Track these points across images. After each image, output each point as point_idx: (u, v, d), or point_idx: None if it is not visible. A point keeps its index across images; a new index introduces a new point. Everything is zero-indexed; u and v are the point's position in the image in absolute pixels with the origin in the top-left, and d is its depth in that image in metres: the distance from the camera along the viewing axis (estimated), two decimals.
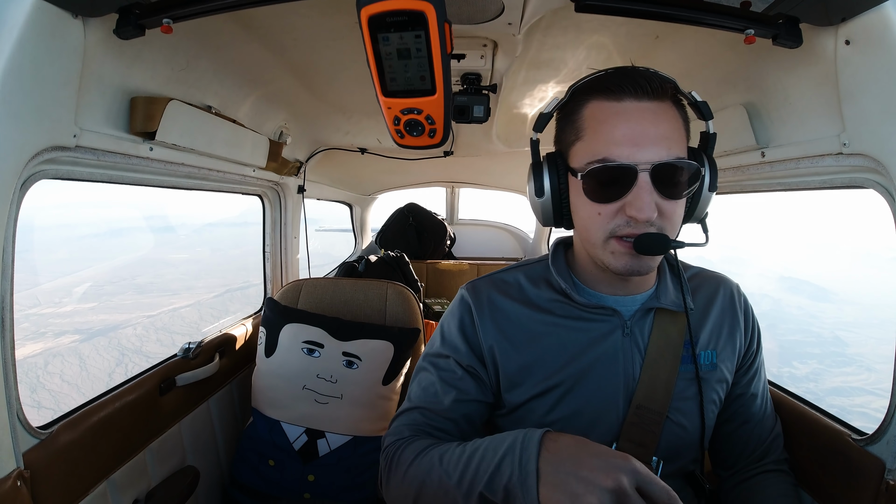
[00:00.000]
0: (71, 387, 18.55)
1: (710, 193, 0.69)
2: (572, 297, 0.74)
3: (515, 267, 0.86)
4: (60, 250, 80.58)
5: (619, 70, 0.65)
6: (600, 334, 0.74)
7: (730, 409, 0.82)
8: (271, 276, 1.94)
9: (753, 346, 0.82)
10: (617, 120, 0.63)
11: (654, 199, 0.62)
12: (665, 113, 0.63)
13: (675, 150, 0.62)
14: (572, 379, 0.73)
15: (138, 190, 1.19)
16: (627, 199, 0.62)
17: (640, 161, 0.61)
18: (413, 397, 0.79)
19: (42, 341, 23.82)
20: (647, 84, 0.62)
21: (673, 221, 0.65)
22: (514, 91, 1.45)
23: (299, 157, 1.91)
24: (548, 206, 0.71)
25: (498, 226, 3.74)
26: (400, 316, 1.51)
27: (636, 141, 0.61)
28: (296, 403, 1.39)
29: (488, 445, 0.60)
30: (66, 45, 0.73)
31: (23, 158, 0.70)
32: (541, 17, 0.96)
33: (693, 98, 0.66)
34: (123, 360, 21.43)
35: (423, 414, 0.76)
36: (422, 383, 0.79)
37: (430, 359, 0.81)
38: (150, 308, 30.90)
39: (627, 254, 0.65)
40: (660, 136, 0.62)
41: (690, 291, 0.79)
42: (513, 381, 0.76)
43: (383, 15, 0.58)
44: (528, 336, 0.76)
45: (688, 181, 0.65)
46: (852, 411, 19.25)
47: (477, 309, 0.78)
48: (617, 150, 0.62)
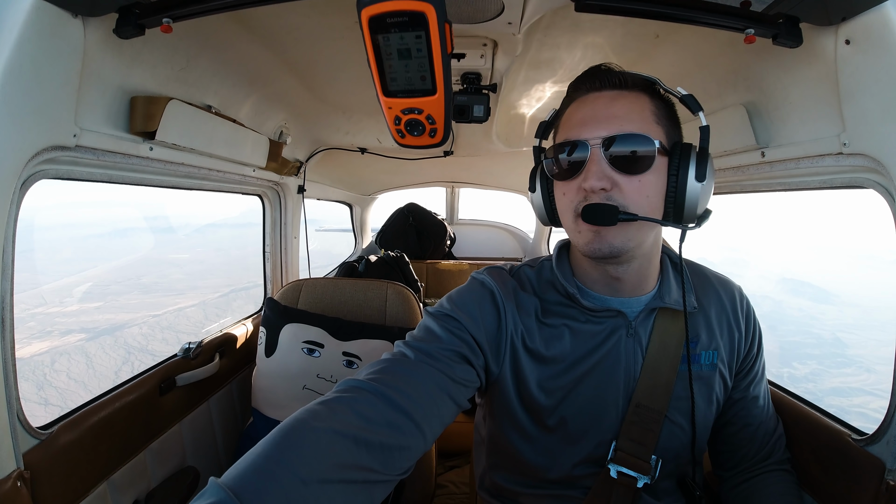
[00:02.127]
0: (77, 384, 18.54)
1: (698, 184, 0.66)
2: (579, 301, 0.74)
3: (522, 265, 0.85)
4: (65, 250, 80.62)
5: (586, 71, 0.73)
6: (605, 336, 0.74)
7: (731, 412, 0.82)
8: (271, 276, 1.94)
9: (754, 348, 0.82)
10: (577, 108, 0.71)
11: (609, 173, 0.65)
12: (624, 98, 0.68)
13: (629, 127, 0.65)
14: (576, 380, 0.73)
15: (142, 190, 1.19)
16: (582, 174, 0.67)
17: (590, 137, 0.66)
18: (403, 343, 0.71)
19: (48, 340, 23.83)
20: (608, 77, 0.69)
21: (634, 199, 0.65)
22: (514, 91, 1.45)
23: (299, 156, 1.91)
24: (539, 201, 0.78)
25: (498, 226, 3.74)
26: (400, 316, 1.51)
27: (587, 121, 0.68)
28: (296, 403, 1.39)
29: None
30: (66, 44, 0.73)
31: (23, 158, 0.70)
32: (541, 17, 0.97)
33: (678, 93, 0.69)
34: (129, 359, 21.40)
35: (399, 361, 0.65)
36: (416, 334, 0.72)
37: (429, 314, 0.75)
38: (155, 308, 30.92)
39: (589, 231, 0.67)
40: (612, 115, 0.67)
41: (693, 291, 0.79)
42: (529, 381, 0.74)
43: (384, 15, 0.58)
44: (543, 336, 0.75)
45: (649, 159, 0.65)
46: (850, 411, 19.26)
47: (504, 294, 0.76)
48: (574, 131, 0.69)
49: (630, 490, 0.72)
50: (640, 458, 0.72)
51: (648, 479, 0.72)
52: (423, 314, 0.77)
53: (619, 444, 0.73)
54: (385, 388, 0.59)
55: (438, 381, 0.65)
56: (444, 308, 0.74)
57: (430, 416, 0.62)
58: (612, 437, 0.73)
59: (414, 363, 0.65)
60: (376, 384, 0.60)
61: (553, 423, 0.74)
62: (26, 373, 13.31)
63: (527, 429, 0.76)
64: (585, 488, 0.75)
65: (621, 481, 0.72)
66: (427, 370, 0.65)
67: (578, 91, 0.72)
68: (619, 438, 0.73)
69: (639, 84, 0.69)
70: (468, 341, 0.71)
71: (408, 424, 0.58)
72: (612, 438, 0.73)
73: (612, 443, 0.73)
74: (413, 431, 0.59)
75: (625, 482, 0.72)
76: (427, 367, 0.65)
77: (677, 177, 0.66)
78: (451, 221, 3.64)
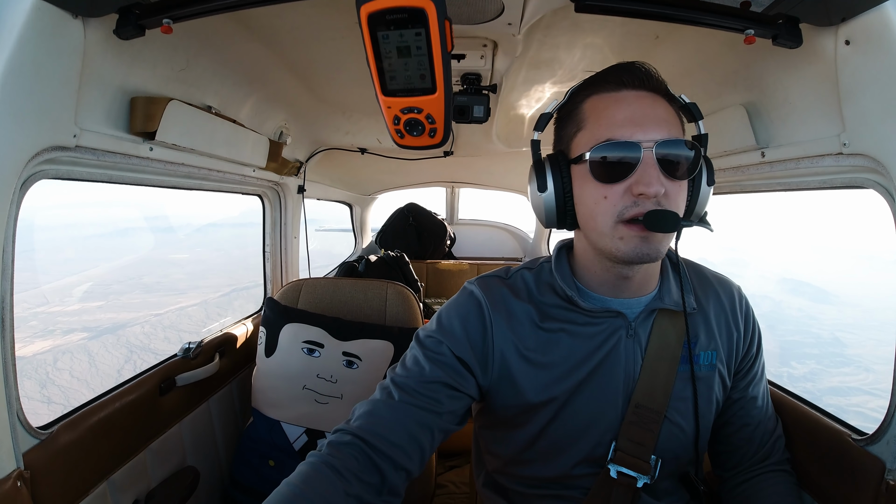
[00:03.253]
0: (80, 382, 18.49)
1: (709, 188, 0.70)
2: (577, 304, 0.74)
3: (521, 269, 0.84)
4: (67, 249, 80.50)
5: (617, 65, 0.68)
6: (605, 337, 0.74)
7: (730, 412, 0.82)
8: (271, 276, 1.94)
9: (753, 348, 0.81)
10: (618, 106, 0.66)
11: (660, 178, 0.63)
12: (660, 101, 0.67)
13: (674, 132, 0.65)
14: (575, 382, 0.73)
15: (143, 190, 1.19)
16: (633, 177, 0.63)
17: (643, 139, 0.63)
18: (391, 376, 0.75)
19: (51, 338, 23.78)
20: (643, 76, 0.66)
21: (677, 204, 0.66)
22: (513, 91, 1.45)
23: (299, 156, 1.91)
24: (551, 202, 0.71)
25: (498, 226, 3.74)
26: (400, 316, 1.51)
27: (637, 122, 0.64)
28: (296, 403, 1.39)
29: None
30: (66, 45, 0.73)
31: (23, 158, 0.70)
32: (541, 18, 0.96)
33: (682, 100, 0.69)
34: (132, 357, 21.34)
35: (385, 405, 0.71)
36: (405, 362, 0.76)
37: (417, 340, 0.78)
38: (157, 307, 30.87)
39: (636, 237, 0.64)
40: (659, 118, 0.65)
41: (692, 291, 0.79)
42: (524, 386, 0.74)
43: (383, 12, 0.57)
44: (539, 342, 0.75)
45: (688, 165, 0.66)
46: (848, 410, 19.22)
47: (491, 306, 0.76)
48: (619, 131, 0.64)
49: (630, 490, 0.72)
50: (639, 458, 0.72)
51: (648, 479, 0.72)
52: (413, 339, 0.79)
53: (618, 444, 0.73)
54: (370, 438, 0.67)
55: (422, 420, 0.70)
56: (430, 331, 0.77)
57: (414, 454, 0.69)
58: (612, 437, 0.73)
59: (397, 405, 0.70)
60: (360, 440, 0.67)
61: (551, 424, 0.74)
62: (29, 371, 13.17)
63: (524, 431, 0.76)
64: (585, 488, 0.75)
65: (621, 481, 0.72)
66: (411, 411, 0.70)
67: (607, 85, 0.67)
68: (618, 438, 0.73)
69: (661, 88, 0.67)
70: (453, 366, 0.73)
71: (391, 471, 0.67)
72: (611, 439, 0.73)
73: (612, 443, 0.73)
74: (398, 474, 0.68)
75: (624, 482, 0.72)
76: (411, 407, 0.70)
77: (693, 182, 0.69)
78: (451, 221, 3.64)
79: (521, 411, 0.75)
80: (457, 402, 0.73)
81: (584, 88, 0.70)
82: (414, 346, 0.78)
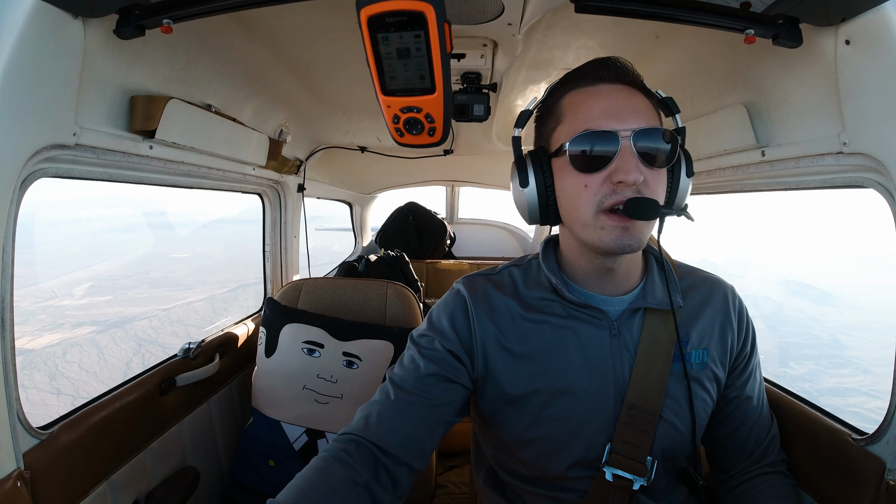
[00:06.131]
0: (90, 374, 18.45)
1: (689, 180, 0.72)
2: (562, 294, 0.75)
3: (509, 265, 0.86)
4: (74, 245, 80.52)
5: (593, 61, 0.70)
6: (588, 336, 0.74)
7: (725, 412, 0.82)
8: (271, 275, 1.94)
9: (747, 347, 0.81)
10: (595, 99, 0.68)
11: (639, 166, 0.64)
12: (637, 94, 0.68)
13: (651, 122, 0.66)
14: (561, 379, 0.73)
15: (149, 188, 1.20)
16: (612, 166, 0.65)
17: (621, 129, 0.64)
18: (389, 376, 0.78)
19: (59, 332, 23.77)
20: (619, 70, 0.68)
21: (657, 193, 0.67)
22: (514, 90, 1.45)
23: (299, 155, 1.92)
24: (533, 197, 0.72)
25: (498, 225, 3.74)
26: (400, 316, 1.51)
27: (614, 113, 0.65)
28: (296, 403, 1.39)
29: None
30: (66, 45, 0.73)
31: (22, 157, 0.71)
32: (541, 18, 0.97)
33: (659, 95, 0.70)
34: (140, 350, 21.36)
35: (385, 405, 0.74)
36: (402, 362, 0.79)
37: (411, 340, 0.81)
38: (164, 301, 30.93)
39: (618, 227, 0.65)
40: (636, 109, 0.66)
41: (683, 291, 0.79)
42: (502, 378, 0.75)
43: (383, 15, 0.58)
44: (520, 333, 0.76)
45: (667, 154, 0.66)
46: (846, 411, 19.27)
47: (473, 302, 0.78)
48: (597, 122, 0.66)
49: (626, 493, 0.72)
50: (635, 460, 0.72)
51: (645, 482, 0.72)
52: (409, 339, 0.82)
53: (613, 446, 0.72)
54: (371, 438, 0.70)
55: (421, 415, 0.73)
56: (423, 330, 0.81)
57: (414, 450, 0.71)
58: (606, 439, 0.73)
59: (395, 404, 0.73)
60: (363, 440, 0.70)
61: (539, 423, 0.74)
62: (38, 364, 13.14)
63: (513, 426, 0.76)
64: (581, 491, 0.75)
65: (617, 484, 0.72)
66: (409, 408, 0.72)
67: (584, 80, 0.69)
68: (613, 441, 0.72)
69: (637, 83, 0.69)
70: (446, 359, 0.76)
71: (394, 468, 0.69)
72: (606, 441, 0.73)
73: (607, 446, 0.73)
74: (400, 469, 0.70)
75: (621, 485, 0.72)
76: (409, 405, 0.73)
77: (672, 172, 0.70)
78: (451, 221, 3.64)
79: (505, 404, 0.76)
80: (453, 394, 0.76)
81: (562, 85, 0.72)
82: (409, 346, 0.81)
